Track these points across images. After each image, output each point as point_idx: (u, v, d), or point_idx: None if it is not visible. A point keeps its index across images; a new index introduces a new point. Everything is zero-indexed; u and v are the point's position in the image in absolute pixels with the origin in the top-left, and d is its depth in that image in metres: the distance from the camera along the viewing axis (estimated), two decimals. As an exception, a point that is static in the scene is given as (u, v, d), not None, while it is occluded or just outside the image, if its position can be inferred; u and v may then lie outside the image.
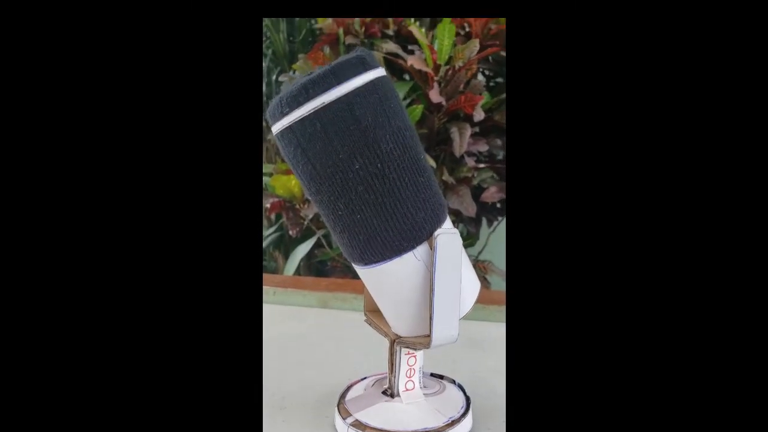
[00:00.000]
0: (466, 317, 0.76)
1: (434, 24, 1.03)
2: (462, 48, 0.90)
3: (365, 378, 0.46)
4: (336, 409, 0.41)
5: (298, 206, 0.96)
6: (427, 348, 0.36)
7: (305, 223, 0.96)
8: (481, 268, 1.02)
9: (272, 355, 0.54)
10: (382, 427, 0.37)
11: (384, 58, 0.93)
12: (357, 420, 0.38)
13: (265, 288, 0.76)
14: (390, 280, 0.35)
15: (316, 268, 1.07)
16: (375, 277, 0.36)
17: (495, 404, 0.45)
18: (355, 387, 0.45)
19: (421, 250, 0.34)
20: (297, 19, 0.99)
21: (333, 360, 0.55)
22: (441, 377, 0.47)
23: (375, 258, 0.34)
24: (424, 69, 0.86)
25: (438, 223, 0.34)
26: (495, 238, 1.09)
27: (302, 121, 0.30)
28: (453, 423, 0.38)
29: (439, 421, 0.39)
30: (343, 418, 0.39)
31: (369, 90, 0.30)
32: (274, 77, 1.09)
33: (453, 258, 0.34)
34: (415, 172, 0.33)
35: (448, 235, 0.34)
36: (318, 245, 1.04)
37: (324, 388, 0.47)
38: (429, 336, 0.35)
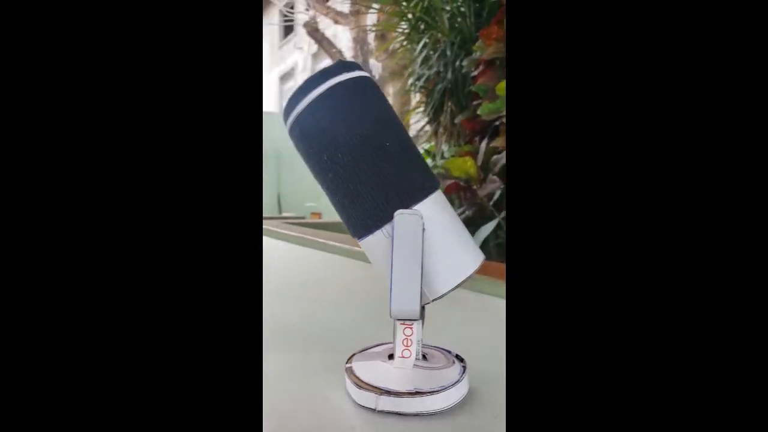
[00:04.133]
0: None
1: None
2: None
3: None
4: (352, 355, 0.46)
5: (474, 186, 0.96)
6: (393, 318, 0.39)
7: (480, 203, 0.96)
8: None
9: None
10: (365, 380, 0.41)
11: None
12: (351, 367, 0.43)
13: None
14: (371, 253, 0.42)
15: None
16: (364, 248, 0.42)
17: (496, 374, 0.44)
18: (381, 346, 0.48)
19: (389, 228, 0.39)
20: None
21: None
22: (461, 359, 0.44)
23: (354, 233, 0.42)
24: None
25: (401, 204, 0.38)
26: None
27: (291, 128, 0.42)
28: (419, 394, 0.38)
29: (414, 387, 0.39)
30: (345, 362, 0.44)
31: (327, 96, 0.39)
32: (458, 63, 1.10)
33: (410, 237, 0.38)
34: (377, 159, 0.38)
35: (405, 215, 0.38)
36: (500, 227, 1.01)
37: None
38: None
